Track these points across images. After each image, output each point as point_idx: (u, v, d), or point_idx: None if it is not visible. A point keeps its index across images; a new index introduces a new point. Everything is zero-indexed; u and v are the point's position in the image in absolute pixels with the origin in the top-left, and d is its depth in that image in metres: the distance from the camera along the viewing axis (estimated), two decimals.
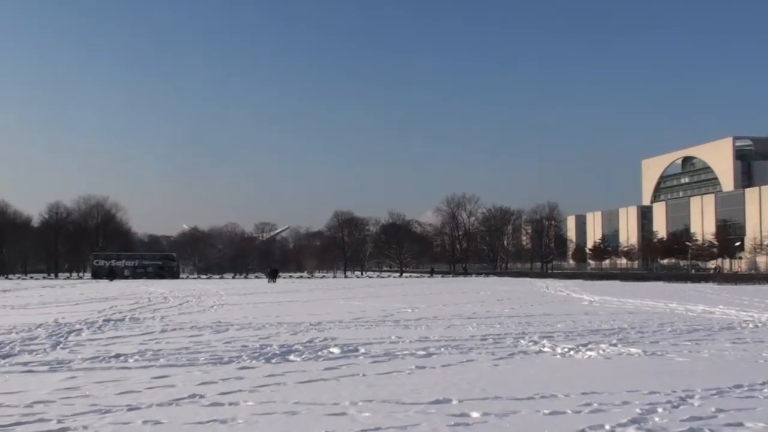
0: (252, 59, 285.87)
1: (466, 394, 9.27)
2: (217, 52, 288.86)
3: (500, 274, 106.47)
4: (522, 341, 15.39)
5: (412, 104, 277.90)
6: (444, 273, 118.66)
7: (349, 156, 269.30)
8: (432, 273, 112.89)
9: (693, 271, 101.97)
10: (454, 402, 8.82)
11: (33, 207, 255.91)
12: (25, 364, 12.17)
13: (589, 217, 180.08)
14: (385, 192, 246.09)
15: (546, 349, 14.05)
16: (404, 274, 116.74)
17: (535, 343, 15.10)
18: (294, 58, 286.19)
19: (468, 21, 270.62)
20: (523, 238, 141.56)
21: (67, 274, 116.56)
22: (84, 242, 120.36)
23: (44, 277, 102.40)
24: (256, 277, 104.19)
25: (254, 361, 12.32)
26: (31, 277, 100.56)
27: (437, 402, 8.80)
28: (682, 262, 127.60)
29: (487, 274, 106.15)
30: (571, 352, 13.59)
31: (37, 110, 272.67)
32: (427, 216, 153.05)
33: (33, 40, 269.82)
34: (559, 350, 13.88)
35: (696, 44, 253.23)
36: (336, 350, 13.73)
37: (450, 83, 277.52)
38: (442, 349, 13.95)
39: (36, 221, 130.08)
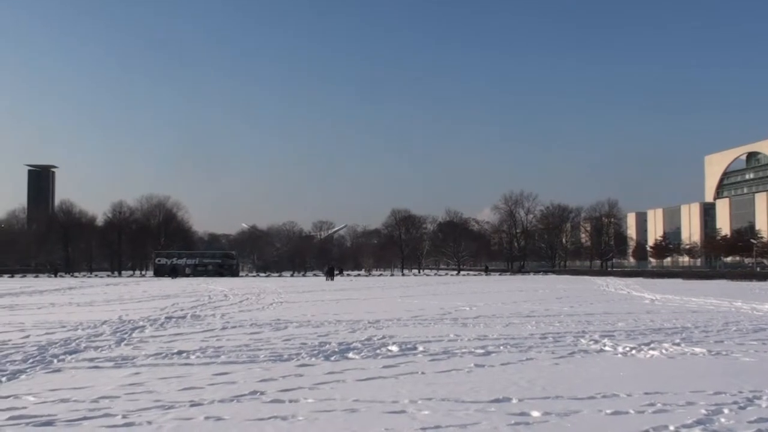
0: (312, 57, 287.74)
1: (526, 393, 9.19)
2: (275, 51, 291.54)
3: (558, 272, 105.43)
4: (582, 340, 15.22)
5: (469, 101, 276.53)
6: (502, 271, 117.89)
7: (406, 154, 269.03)
8: (487, 271, 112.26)
9: (758, 269, 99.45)
10: (514, 401, 8.75)
11: (97, 206, 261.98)
12: (91, 360, 12.43)
13: (650, 214, 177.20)
14: (443, 190, 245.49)
15: (607, 348, 13.85)
16: (461, 272, 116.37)
17: (596, 342, 14.91)
18: (350, 56, 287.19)
19: (528, 15, 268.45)
20: (582, 235, 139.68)
21: (130, 272, 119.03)
22: (146, 241, 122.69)
23: (108, 275, 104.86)
24: (314, 275, 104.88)
25: (313, 359, 12.40)
26: (96, 275, 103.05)
27: (497, 401, 8.75)
28: (746, 260, 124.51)
29: (545, 272, 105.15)
30: (633, 352, 13.37)
31: (102, 113, 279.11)
32: (484, 214, 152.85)
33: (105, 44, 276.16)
34: (620, 349, 13.67)
35: (760, 38, 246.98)
36: (394, 348, 13.74)
37: (508, 79, 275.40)
38: (501, 348, 13.86)
39: (100, 220, 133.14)
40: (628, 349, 13.70)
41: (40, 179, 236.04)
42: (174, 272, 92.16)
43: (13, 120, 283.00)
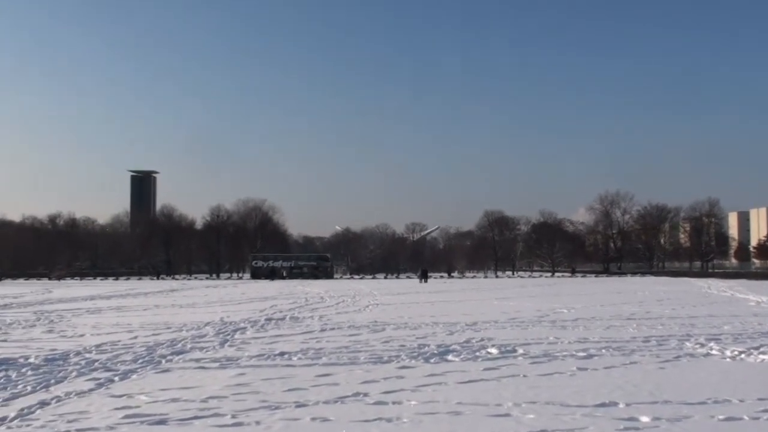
0: (405, 61, 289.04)
1: (633, 398, 9.00)
2: (371, 56, 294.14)
3: (657, 274, 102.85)
4: (687, 343, 14.80)
5: (561, 102, 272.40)
6: (597, 272, 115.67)
7: (498, 155, 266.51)
8: (573, 272, 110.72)
9: None
10: (621, 405, 8.58)
11: (196, 210, 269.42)
12: (198, 360, 12.79)
13: (753, 213, 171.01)
14: (536, 191, 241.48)
15: (714, 352, 13.44)
16: (556, 274, 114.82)
17: (702, 345, 14.48)
18: (442, 60, 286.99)
19: (619, 18, 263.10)
20: (681, 236, 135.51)
21: (228, 275, 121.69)
22: (243, 243, 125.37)
23: (207, 278, 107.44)
24: (407, 277, 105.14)
25: (413, 361, 12.43)
26: (195, 278, 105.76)
27: (603, 405, 8.60)
28: None
29: (642, 274, 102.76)
30: (742, 356, 12.94)
31: (199, 119, 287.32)
32: (579, 214, 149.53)
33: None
34: (728, 353, 13.24)
35: None
36: (494, 350, 13.66)
37: (601, 79, 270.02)
38: (603, 351, 13.61)
39: (199, 224, 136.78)
40: (736, 353, 13.27)
41: (142, 184, 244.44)
42: (272, 274, 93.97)
43: (117, 128, 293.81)
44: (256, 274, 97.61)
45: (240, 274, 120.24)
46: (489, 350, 13.77)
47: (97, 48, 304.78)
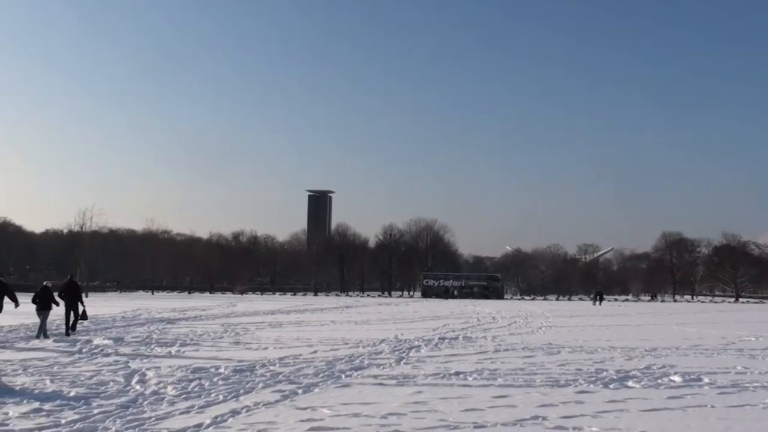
0: (577, 84, 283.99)
1: None
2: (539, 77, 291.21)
3: None
4: None
5: (745, 116, 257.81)
6: None
7: (676, 172, 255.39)
8: (737, 299, 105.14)
9: None
10: None
11: (369, 229, 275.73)
12: (375, 377, 13.07)
13: None
14: (719, 211, 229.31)
15: None
16: (740, 300, 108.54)
17: None
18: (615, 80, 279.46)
19: None
20: None
21: (399, 293, 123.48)
22: (414, 262, 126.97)
23: (379, 295, 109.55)
24: (580, 299, 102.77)
25: (591, 386, 12.15)
26: (368, 295, 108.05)
27: None
28: None
29: None
30: None
31: (371, 141, 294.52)
32: (767, 236, 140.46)
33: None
34: None
35: None
36: (677, 378, 13.09)
37: None
38: None
39: (372, 243, 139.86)
40: None
41: (319, 204, 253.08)
42: (446, 293, 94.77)
43: (298, 151, 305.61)
44: (427, 293, 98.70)
45: (411, 293, 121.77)
46: (672, 378, 13.22)
47: (285, 83, 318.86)
